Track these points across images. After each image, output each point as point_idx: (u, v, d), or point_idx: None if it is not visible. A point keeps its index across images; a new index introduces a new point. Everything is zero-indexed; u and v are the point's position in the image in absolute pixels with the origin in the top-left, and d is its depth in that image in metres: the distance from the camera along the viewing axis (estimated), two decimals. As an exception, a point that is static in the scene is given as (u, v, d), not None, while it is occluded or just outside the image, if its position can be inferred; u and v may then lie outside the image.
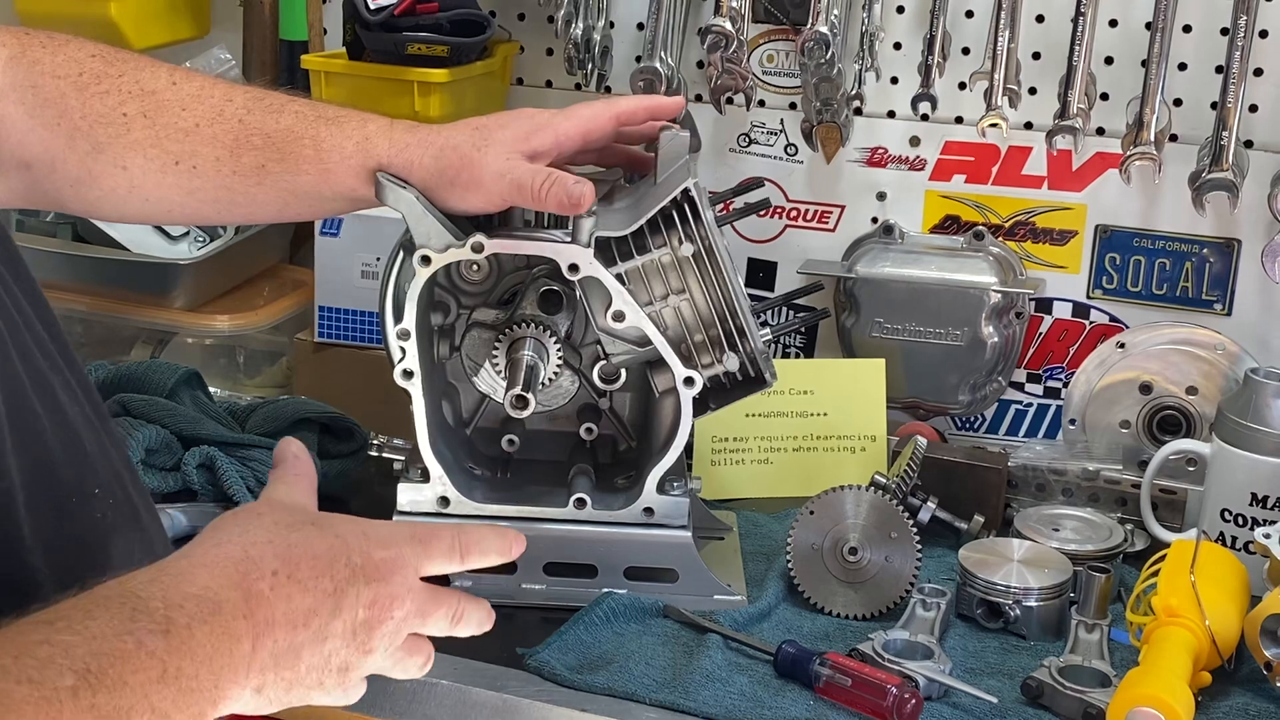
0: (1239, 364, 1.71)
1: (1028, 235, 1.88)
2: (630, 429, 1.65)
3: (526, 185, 1.33)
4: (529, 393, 1.46)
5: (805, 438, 1.75)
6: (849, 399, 1.75)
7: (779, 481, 1.74)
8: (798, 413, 1.75)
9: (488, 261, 1.56)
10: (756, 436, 1.74)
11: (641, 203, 1.48)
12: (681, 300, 1.48)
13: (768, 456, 1.75)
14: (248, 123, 1.30)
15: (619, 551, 1.53)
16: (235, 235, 2.02)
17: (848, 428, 1.74)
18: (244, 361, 2.01)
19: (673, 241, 1.46)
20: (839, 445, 1.75)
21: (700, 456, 1.73)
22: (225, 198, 1.31)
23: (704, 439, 1.74)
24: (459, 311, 1.57)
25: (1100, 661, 1.41)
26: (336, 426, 1.73)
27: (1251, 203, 1.74)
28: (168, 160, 1.28)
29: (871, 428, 1.75)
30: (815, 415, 1.75)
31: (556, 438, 1.65)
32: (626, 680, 1.37)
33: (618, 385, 1.58)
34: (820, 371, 1.78)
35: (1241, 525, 1.57)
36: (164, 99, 1.28)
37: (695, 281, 1.47)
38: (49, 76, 1.26)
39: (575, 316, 1.58)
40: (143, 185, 1.29)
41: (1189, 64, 1.78)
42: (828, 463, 1.74)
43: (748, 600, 1.53)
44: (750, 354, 1.49)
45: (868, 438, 1.75)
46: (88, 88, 1.26)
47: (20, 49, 1.26)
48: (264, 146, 1.30)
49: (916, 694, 1.33)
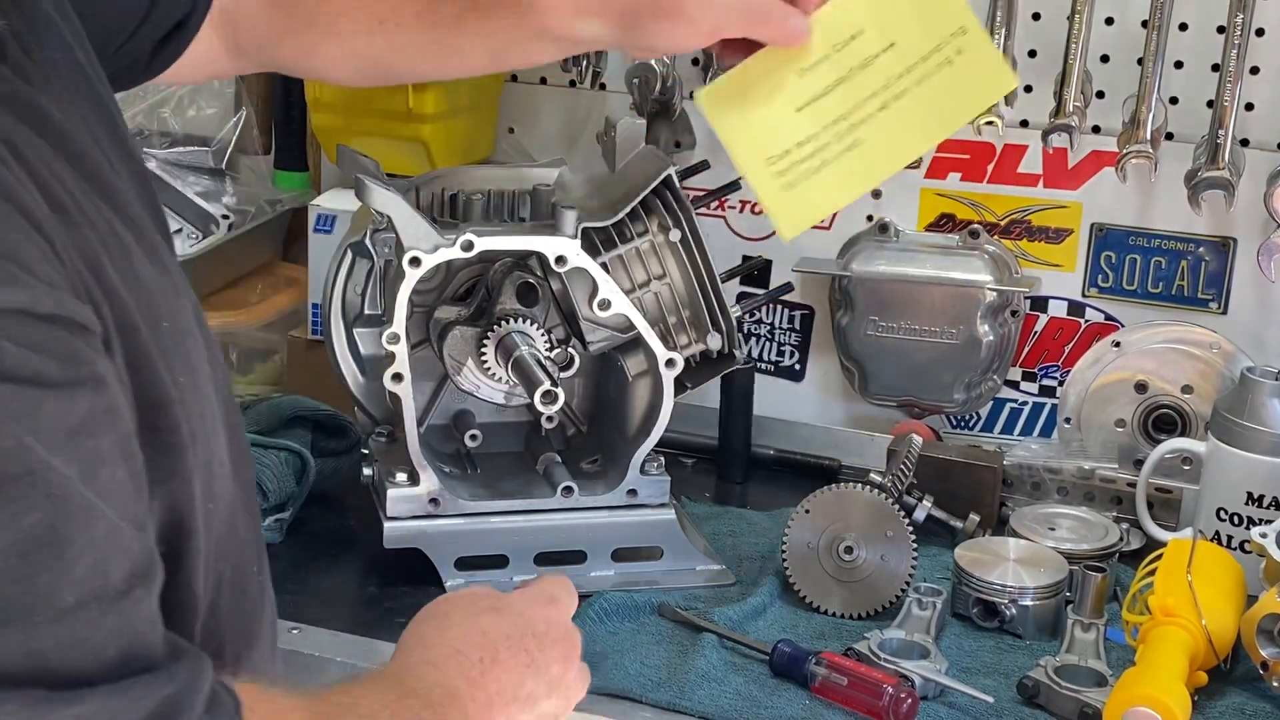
0: (1234, 363, 1.71)
1: (1023, 233, 1.88)
2: (580, 415, 1.67)
3: (735, 17, 1.20)
4: (556, 386, 1.47)
5: (885, 87, 1.27)
6: (909, 7, 1.27)
7: (882, 157, 1.29)
8: (857, 66, 1.27)
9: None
10: (826, 125, 1.27)
11: (611, 191, 1.51)
12: (662, 285, 1.53)
13: (853, 139, 1.27)
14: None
15: (606, 535, 1.56)
16: (228, 232, 2.01)
17: (924, 41, 1.27)
18: (237, 359, 2.01)
19: (653, 227, 1.50)
20: (932, 67, 1.26)
21: (763, 191, 1.28)
22: (435, 51, 1.31)
23: (755, 169, 1.28)
24: (412, 311, 1.57)
25: (1096, 661, 1.41)
26: (330, 424, 1.73)
27: (1247, 201, 1.74)
28: (373, 20, 1.29)
29: (952, 22, 1.26)
30: (881, 54, 1.27)
31: (508, 429, 1.67)
32: (622, 679, 1.37)
33: (572, 373, 1.59)
34: (856, 5, 1.27)
35: (1237, 524, 1.57)
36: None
37: (675, 265, 1.53)
38: None
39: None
40: (354, 47, 1.31)
41: (1185, 62, 1.78)
42: (934, 92, 1.27)
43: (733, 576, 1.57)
44: (729, 331, 1.51)
45: (956, 35, 1.26)
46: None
47: None
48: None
49: (912, 693, 1.33)
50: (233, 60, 1.33)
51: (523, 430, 1.67)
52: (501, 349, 1.55)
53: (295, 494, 1.65)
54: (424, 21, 1.29)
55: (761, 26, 1.22)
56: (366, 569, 1.58)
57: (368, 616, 1.50)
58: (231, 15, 1.29)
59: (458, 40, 1.29)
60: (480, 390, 1.58)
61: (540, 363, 1.52)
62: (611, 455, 1.61)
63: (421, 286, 1.56)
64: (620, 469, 1.57)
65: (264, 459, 1.60)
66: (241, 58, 1.33)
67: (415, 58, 1.33)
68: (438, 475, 1.54)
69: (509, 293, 1.57)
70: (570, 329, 1.59)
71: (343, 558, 1.62)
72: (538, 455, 1.63)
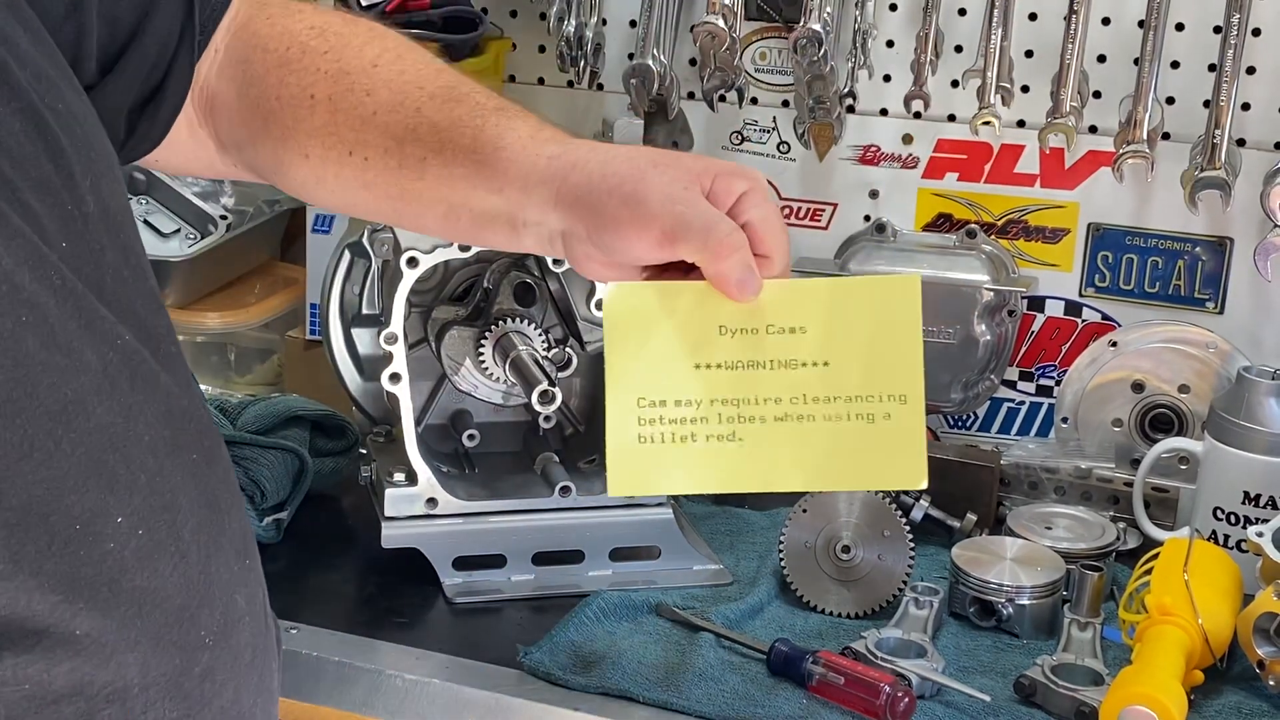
0: (1231, 362, 1.71)
1: (1020, 233, 1.88)
2: (578, 415, 1.67)
3: (696, 228, 1.02)
4: (554, 386, 1.47)
5: (794, 401, 1.07)
6: (864, 338, 1.08)
7: (749, 468, 1.07)
8: (780, 361, 1.07)
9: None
10: (716, 400, 1.06)
11: None
12: None
13: (733, 430, 1.07)
14: (424, 113, 1.14)
15: (604, 534, 1.56)
16: (226, 232, 2.01)
17: (859, 383, 1.07)
18: (235, 359, 2.01)
19: None
20: (851, 414, 1.07)
21: (615, 429, 1.06)
22: (396, 193, 1.16)
23: (621, 401, 1.06)
24: (410, 311, 1.57)
25: (1093, 660, 1.41)
26: (328, 424, 1.72)
27: (1244, 201, 1.74)
28: (342, 150, 1.16)
29: (897, 383, 1.07)
30: (810, 365, 1.06)
31: (506, 428, 1.67)
32: (619, 679, 1.37)
33: (569, 373, 1.60)
34: (815, 297, 1.07)
35: (1234, 524, 1.57)
36: (354, 82, 1.16)
37: None
38: (260, 50, 1.18)
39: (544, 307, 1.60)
40: (324, 176, 1.18)
41: (1182, 62, 1.78)
42: (839, 440, 1.07)
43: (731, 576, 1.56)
44: None
45: (893, 399, 1.07)
46: (290, 64, 1.17)
47: (247, 19, 1.19)
48: (429, 137, 1.13)
49: (909, 692, 1.33)
50: (222, 156, 1.22)
51: (520, 430, 1.67)
52: (499, 349, 1.56)
53: (293, 494, 1.65)
54: (390, 161, 1.15)
55: (712, 259, 1.02)
56: (364, 569, 1.58)
57: (365, 616, 1.50)
58: (213, 103, 1.18)
59: (418, 186, 1.15)
60: (478, 390, 1.59)
61: (538, 362, 1.52)
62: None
63: (419, 286, 1.56)
64: (620, 468, 1.57)
65: (261, 458, 1.60)
66: (229, 154, 1.22)
67: (380, 196, 1.17)
68: (435, 475, 1.54)
69: (507, 293, 1.58)
70: (568, 329, 1.59)
71: (340, 557, 1.62)
72: (535, 455, 1.63)
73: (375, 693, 1.39)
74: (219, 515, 0.96)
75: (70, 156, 0.92)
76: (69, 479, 0.85)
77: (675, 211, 1.02)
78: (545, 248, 1.10)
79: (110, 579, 0.86)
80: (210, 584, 0.93)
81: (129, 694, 0.87)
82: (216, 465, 0.98)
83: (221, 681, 0.93)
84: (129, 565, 0.87)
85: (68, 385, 0.85)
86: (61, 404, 0.85)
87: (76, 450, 0.85)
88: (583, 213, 1.05)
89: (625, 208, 1.03)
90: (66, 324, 0.87)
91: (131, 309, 0.94)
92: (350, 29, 1.19)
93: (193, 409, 0.97)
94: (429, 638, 1.45)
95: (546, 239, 1.09)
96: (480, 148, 1.10)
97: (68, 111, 0.94)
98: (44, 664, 0.83)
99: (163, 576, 0.89)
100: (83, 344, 0.88)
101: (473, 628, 1.48)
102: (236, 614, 0.95)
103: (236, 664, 0.95)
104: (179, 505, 0.91)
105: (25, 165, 0.88)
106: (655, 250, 1.03)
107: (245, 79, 1.17)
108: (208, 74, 1.17)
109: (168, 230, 2.00)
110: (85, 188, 0.92)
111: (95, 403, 0.87)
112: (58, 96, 0.94)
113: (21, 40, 0.93)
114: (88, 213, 0.92)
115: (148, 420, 0.91)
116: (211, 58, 1.17)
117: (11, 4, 0.94)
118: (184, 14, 1.13)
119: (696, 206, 1.02)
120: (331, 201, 1.21)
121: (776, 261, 1.05)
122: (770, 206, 1.06)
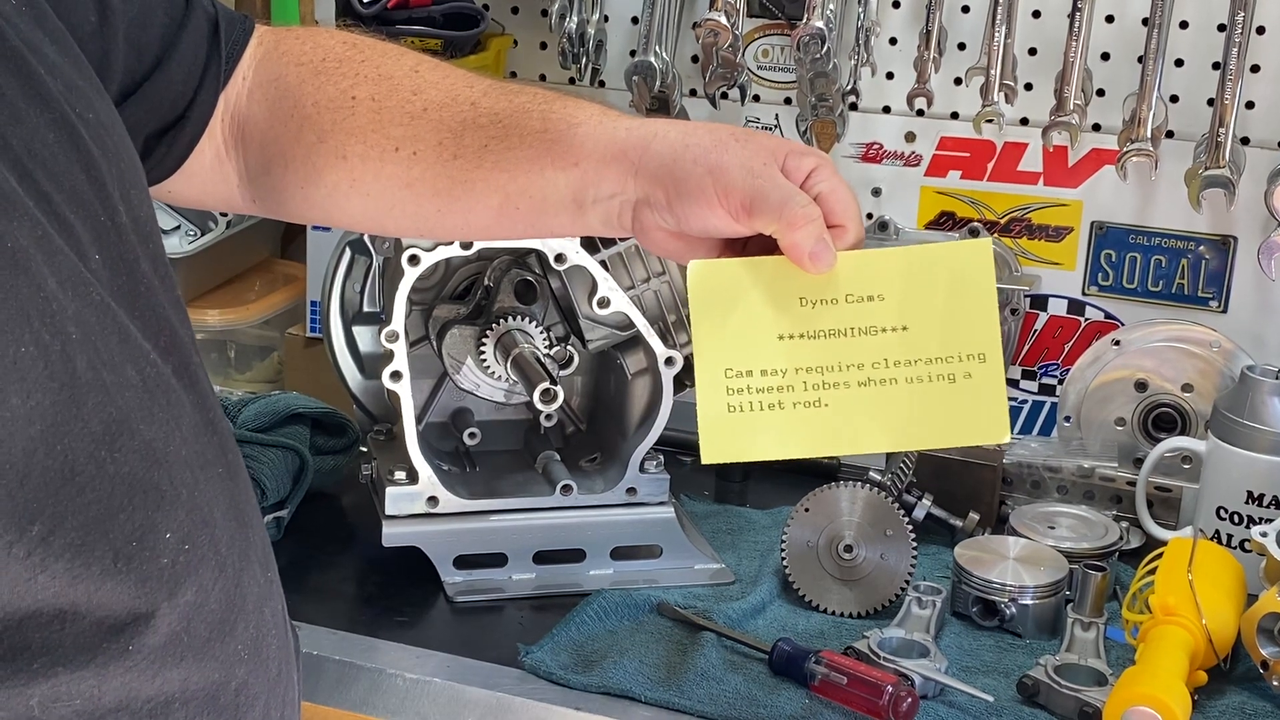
0: (1235, 361, 1.71)
1: (1023, 231, 1.87)
2: (579, 413, 1.67)
3: (773, 201, 1.03)
4: (555, 384, 1.47)
5: (877, 366, 1.11)
6: (940, 302, 1.11)
7: (835, 432, 1.10)
8: (860, 328, 1.11)
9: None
10: (800, 368, 1.10)
11: None
12: (662, 282, 1.53)
13: (819, 397, 1.11)
14: (480, 105, 1.14)
15: (606, 533, 1.56)
16: (226, 229, 2.01)
17: (939, 344, 1.11)
18: (235, 356, 2.00)
19: None
20: (933, 374, 1.11)
21: (705, 399, 1.09)
22: (444, 187, 1.14)
23: (709, 373, 1.10)
24: (411, 309, 1.57)
25: (1096, 660, 1.41)
26: (328, 422, 1.72)
27: (1248, 200, 1.74)
28: (388, 146, 1.14)
29: (976, 342, 1.11)
30: (889, 331, 1.10)
31: (507, 427, 1.67)
32: (621, 678, 1.36)
33: (570, 371, 1.59)
34: (891, 266, 1.11)
35: (1237, 523, 1.56)
36: (398, 83, 1.16)
37: (675, 263, 1.52)
38: (293, 65, 1.18)
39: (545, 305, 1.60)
40: (362, 176, 1.16)
41: (1186, 60, 1.78)
42: (922, 400, 1.10)
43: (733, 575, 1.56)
44: None
45: (972, 358, 1.11)
46: (326, 72, 1.17)
47: (275, 41, 1.20)
48: (490, 125, 1.12)
49: (912, 692, 1.33)
50: (243, 190, 1.21)
51: (522, 428, 1.67)
52: (500, 347, 1.55)
53: (293, 492, 1.64)
54: (444, 153, 1.13)
55: (788, 230, 1.03)
56: (364, 567, 1.58)
57: (366, 615, 1.49)
58: (244, 129, 1.18)
59: (473, 176, 1.13)
60: (479, 388, 1.59)
61: (539, 361, 1.52)
62: (611, 453, 1.61)
63: (420, 284, 1.56)
64: (619, 467, 1.57)
65: (261, 457, 1.60)
66: (251, 186, 1.21)
67: (424, 193, 1.15)
68: (436, 473, 1.53)
69: (508, 290, 1.58)
70: (569, 327, 1.58)
71: (341, 556, 1.62)
72: (537, 453, 1.63)
73: (376, 692, 1.39)
74: (245, 528, 0.96)
75: (102, 167, 0.92)
76: (115, 498, 0.85)
77: (754, 185, 1.03)
78: (612, 224, 1.10)
79: (168, 593, 0.87)
80: (244, 597, 0.94)
81: (170, 708, 0.88)
82: (239, 477, 0.98)
83: (253, 695, 0.94)
84: (181, 579, 0.88)
85: (112, 404, 0.85)
86: (105, 423, 0.85)
87: (121, 469, 0.85)
88: (666, 180, 1.05)
89: (709, 176, 1.03)
90: (108, 340, 0.87)
91: (164, 320, 0.94)
92: (383, 45, 1.20)
93: (216, 420, 0.97)
94: (429, 637, 1.45)
95: (616, 213, 1.09)
96: (552, 127, 1.11)
97: (98, 121, 0.94)
98: (96, 680, 0.84)
99: (206, 590, 0.90)
100: (123, 360, 0.88)
101: (473, 627, 1.48)
102: (265, 627, 0.96)
103: (266, 677, 0.95)
104: (215, 519, 0.92)
105: (60, 178, 0.88)
106: (730, 221, 1.04)
107: (278, 94, 1.17)
108: (237, 101, 1.17)
109: (168, 226, 1.99)
110: (116, 198, 0.92)
111: (138, 419, 0.87)
112: (88, 106, 0.94)
113: (49, 51, 0.93)
114: (120, 223, 0.92)
115: (183, 434, 0.91)
116: (239, 85, 1.17)
117: (39, 16, 0.95)
118: (209, 44, 1.14)
119: (774, 180, 1.04)
120: (362, 209, 1.18)
121: (850, 232, 1.06)
122: (841, 180, 1.06)
